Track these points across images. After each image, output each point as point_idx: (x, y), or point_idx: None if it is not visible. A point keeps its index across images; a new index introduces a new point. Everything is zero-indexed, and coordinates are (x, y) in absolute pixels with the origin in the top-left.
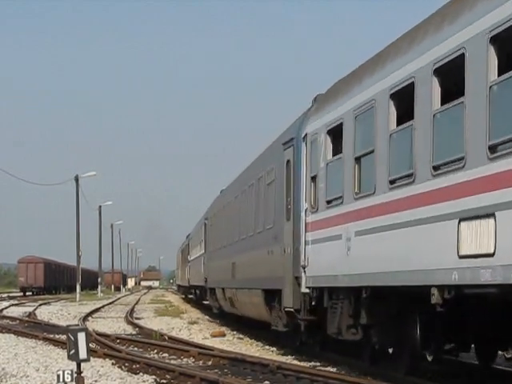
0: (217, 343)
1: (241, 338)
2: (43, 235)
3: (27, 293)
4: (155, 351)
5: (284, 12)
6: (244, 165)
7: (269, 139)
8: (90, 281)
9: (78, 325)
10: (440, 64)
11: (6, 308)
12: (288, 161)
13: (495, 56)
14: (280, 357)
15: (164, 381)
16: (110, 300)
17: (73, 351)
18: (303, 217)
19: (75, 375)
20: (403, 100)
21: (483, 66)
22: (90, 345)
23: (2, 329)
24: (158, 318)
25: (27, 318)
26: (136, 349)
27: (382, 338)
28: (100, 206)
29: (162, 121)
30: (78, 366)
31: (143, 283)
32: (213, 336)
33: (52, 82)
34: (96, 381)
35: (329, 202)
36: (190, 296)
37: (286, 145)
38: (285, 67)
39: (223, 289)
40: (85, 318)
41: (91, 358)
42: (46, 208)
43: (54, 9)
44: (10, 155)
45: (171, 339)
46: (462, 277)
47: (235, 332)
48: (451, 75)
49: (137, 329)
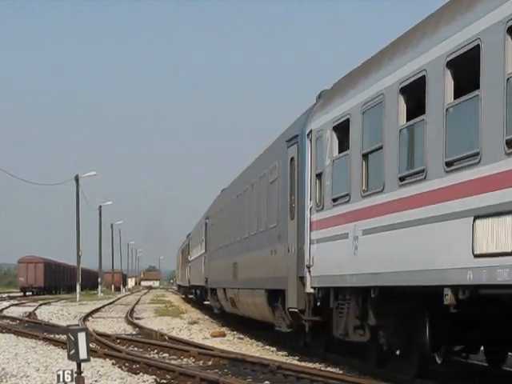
0: (217, 343)
1: (241, 338)
2: (43, 235)
3: (27, 293)
4: (155, 351)
5: (284, 12)
6: (244, 164)
7: (269, 139)
8: (90, 281)
9: (78, 325)
10: (454, 56)
11: (6, 308)
12: (292, 158)
13: None
14: (280, 357)
15: (164, 381)
16: (110, 300)
17: (73, 351)
18: (308, 215)
19: (75, 375)
20: (414, 94)
21: (500, 58)
22: (90, 345)
23: (2, 329)
24: (158, 318)
25: (27, 318)
26: (136, 349)
27: (391, 340)
28: (100, 206)
29: (162, 121)
30: (78, 366)
31: (143, 283)
32: (213, 336)
33: (52, 82)
34: (96, 381)
35: (335, 200)
36: (191, 296)
37: (290, 142)
38: (285, 67)
39: (224, 289)
40: (85, 318)
41: (91, 358)
42: (46, 208)
43: (54, 9)
44: (10, 155)
45: (171, 339)
46: (478, 277)
47: (235, 332)
48: (465, 67)
49: (137, 329)
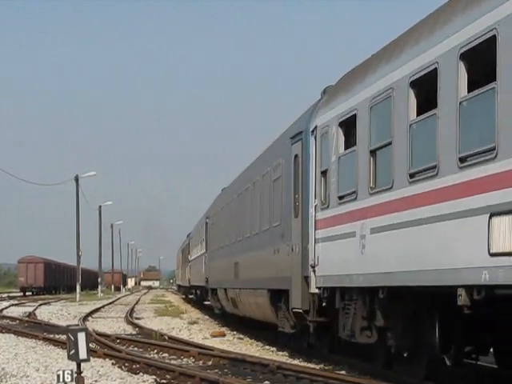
0: (217, 343)
1: (241, 338)
2: (43, 235)
3: (27, 293)
4: (155, 351)
5: (284, 12)
6: (245, 164)
7: (269, 139)
8: (90, 281)
9: (78, 325)
10: (467, 48)
11: (6, 308)
12: (296, 155)
13: None
14: (280, 357)
15: (164, 381)
16: (110, 300)
17: (73, 351)
18: (312, 213)
19: (75, 375)
20: (424, 88)
21: None
22: (90, 345)
23: (2, 329)
24: (158, 318)
25: (27, 318)
26: (136, 349)
27: (399, 341)
28: (100, 206)
29: (162, 121)
30: (78, 366)
31: (143, 283)
32: (213, 336)
33: (52, 82)
34: (96, 381)
35: (341, 198)
36: (191, 296)
37: (294, 139)
38: (285, 67)
39: (225, 289)
40: (85, 318)
41: (91, 358)
42: (46, 208)
43: (54, 9)
44: (10, 155)
45: (171, 339)
46: (494, 276)
47: (235, 332)
48: (480, 60)
49: (137, 329)
